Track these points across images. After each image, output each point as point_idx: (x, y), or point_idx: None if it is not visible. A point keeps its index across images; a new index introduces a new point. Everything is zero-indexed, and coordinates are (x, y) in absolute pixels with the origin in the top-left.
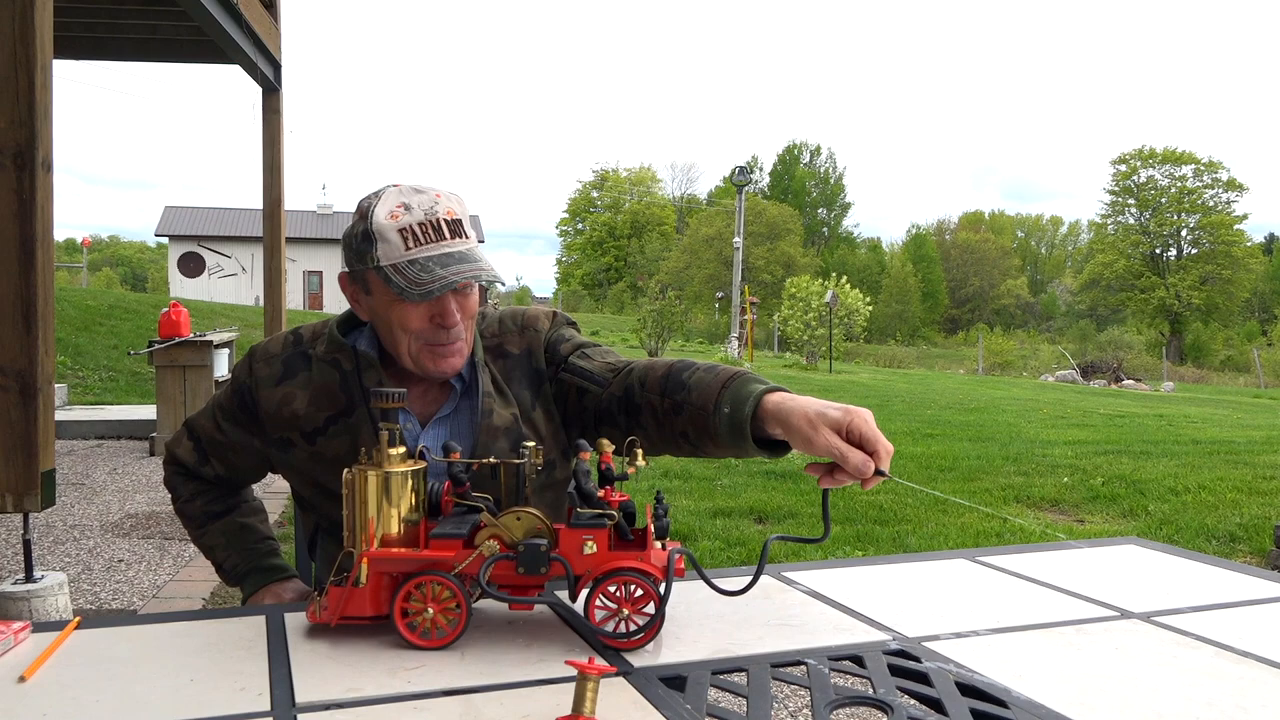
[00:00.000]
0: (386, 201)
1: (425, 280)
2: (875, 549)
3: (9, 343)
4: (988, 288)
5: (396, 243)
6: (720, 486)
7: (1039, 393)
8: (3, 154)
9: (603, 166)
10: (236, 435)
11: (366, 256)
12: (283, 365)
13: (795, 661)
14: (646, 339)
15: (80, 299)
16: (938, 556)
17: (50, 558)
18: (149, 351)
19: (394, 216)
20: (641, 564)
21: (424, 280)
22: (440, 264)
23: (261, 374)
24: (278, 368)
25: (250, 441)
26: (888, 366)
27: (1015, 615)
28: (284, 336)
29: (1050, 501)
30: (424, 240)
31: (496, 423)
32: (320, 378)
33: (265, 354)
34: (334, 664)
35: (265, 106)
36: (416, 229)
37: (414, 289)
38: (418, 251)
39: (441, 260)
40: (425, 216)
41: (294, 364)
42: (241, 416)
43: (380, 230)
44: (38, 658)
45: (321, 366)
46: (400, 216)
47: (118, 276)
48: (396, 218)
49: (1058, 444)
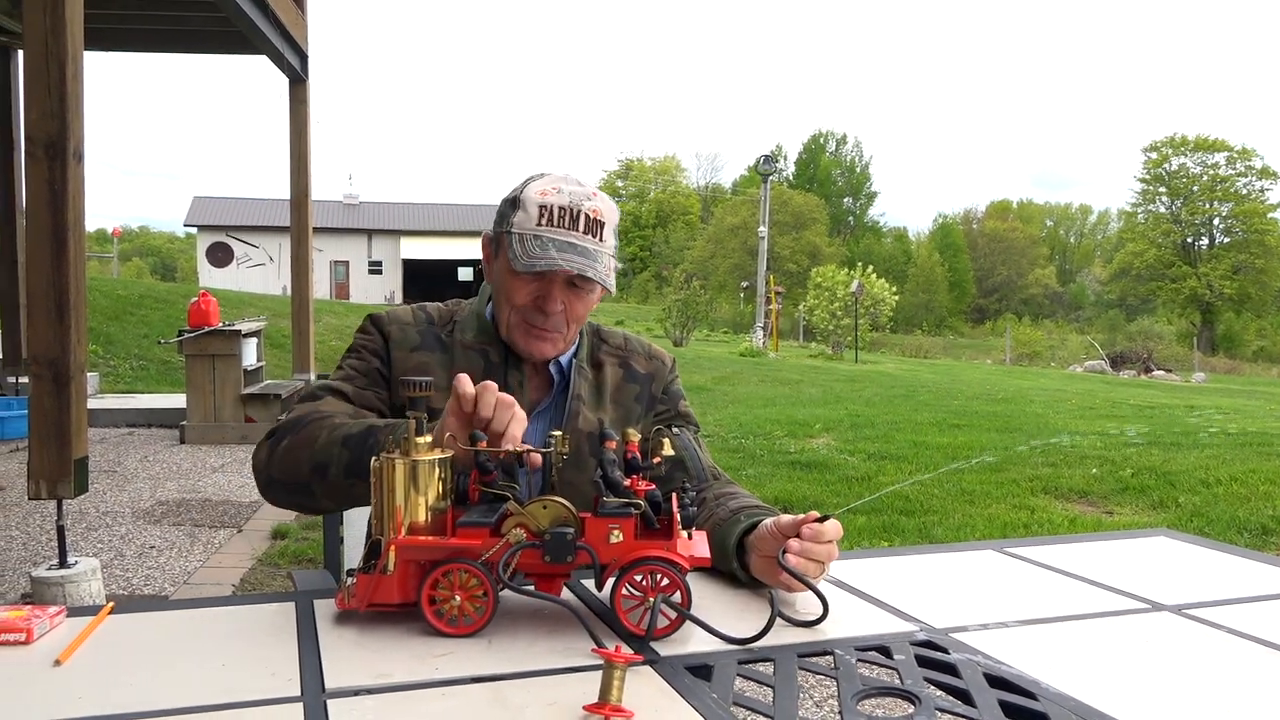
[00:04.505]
0: (546, 180)
1: (537, 255)
2: (901, 540)
3: (42, 332)
4: (1015, 277)
5: (533, 215)
6: (745, 476)
7: (1067, 383)
8: (35, 145)
9: (628, 156)
10: (369, 390)
11: (506, 220)
12: (419, 335)
13: (822, 651)
14: (671, 328)
15: (111, 288)
16: (965, 547)
17: (83, 544)
18: (179, 340)
19: (543, 194)
20: (667, 553)
21: (536, 255)
22: (559, 248)
23: (396, 335)
24: (413, 335)
25: (380, 397)
26: (914, 356)
27: (1044, 607)
28: (409, 309)
29: (1079, 493)
30: (557, 222)
31: (581, 426)
32: (464, 364)
33: (395, 319)
34: (363, 650)
35: (292, 97)
36: (555, 210)
37: (523, 259)
38: (546, 230)
39: (562, 246)
40: (569, 203)
41: (430, 340)
42: (375, 373)
43: (525, 200)
44: (73, 641)
45: (468, 354)
46: (548, 195)
47: (147, 266)
48: (545, 195)
49: (1086, 434)
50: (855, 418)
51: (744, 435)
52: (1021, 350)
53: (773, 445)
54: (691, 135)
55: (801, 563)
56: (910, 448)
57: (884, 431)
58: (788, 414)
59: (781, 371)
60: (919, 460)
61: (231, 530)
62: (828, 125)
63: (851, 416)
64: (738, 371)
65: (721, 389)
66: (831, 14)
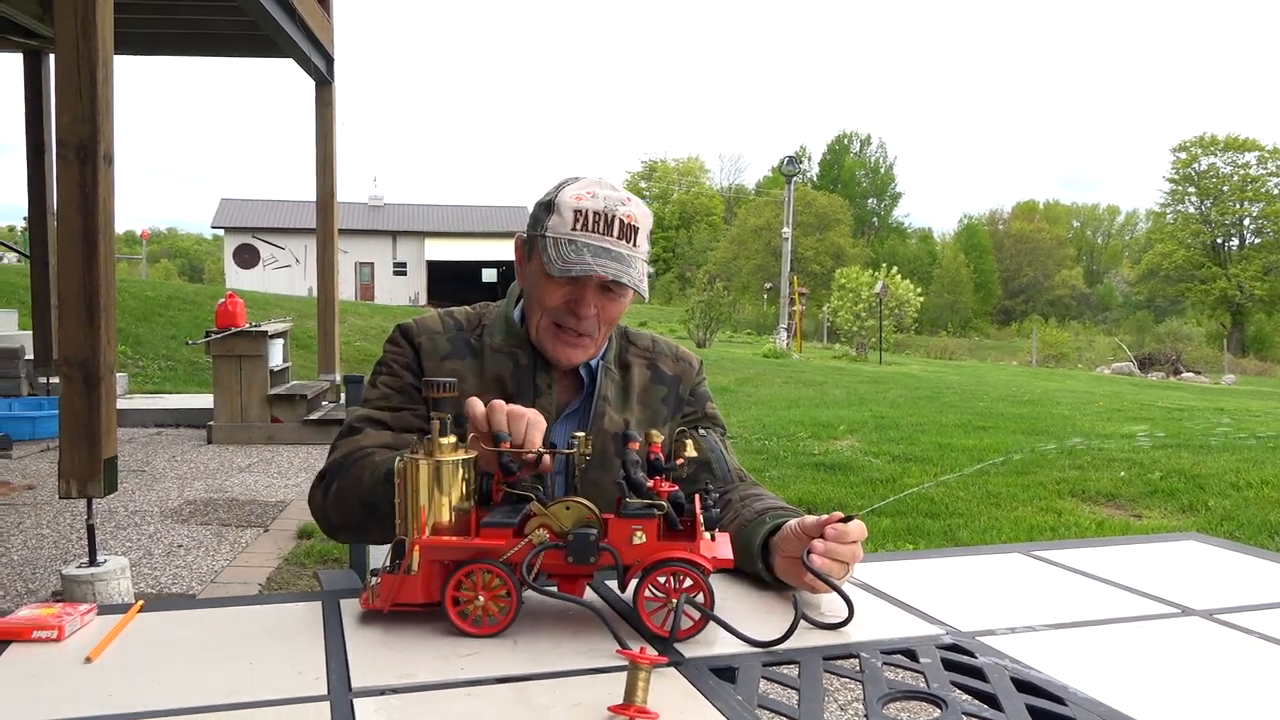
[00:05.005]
0: (580, 184)
1: (572, 260)
2: (926, 542)
3: (73, 333)
4: (1042, 278)
5: (567, 219)
6: (769, 478)
7: (1095, 385)
8: (66, 148)
9: (651, 157)
10: (406, 409)
11: (541, 223)
12: (449, 344)
13: (847, 654)
14: (694, 330)
15: (140, 290)
16: (991, 550)
17: (112, 542)
18: (206, 341)
19: (578, 198)
20: (691, 554)
21: (571, 260)
22: (594, 253)
23: (426, 346)
24: (443, 344)
25: (418, 414)
26: (939, 358)
27: (1072, 611)
28: (438, 316)
29: (1107, 496)
30: (591, 227)
31: (607, 427)
32: (494, 367)
33: (425, 329)
34: (388, 650)
35: (318, 100)
36: (590, 214)
37: (558, 263)
38: (580, 235)
39: (596, 250)
40: (604, 208)
41: (460, 346)
42: (409, 389)
43: (560, 204)
44: (103, 639)
45: (497, 358)
46: (583, 199)
47: (175, 268)
48: (580, 199)
49: (1114, 437)
50: (880, 419)
51: (768, 437)
52: (1048, 352)
53: (796, 447)
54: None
55: (826, 563)
56: (935, 450)
57: (909, 433)
58: (812, 415)
59: (805, 373)
60: (944, 462)
61: (258, 530)
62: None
63: (876, 418)
64: (761, 373)
65: (745, 390)
66: (855, 14)
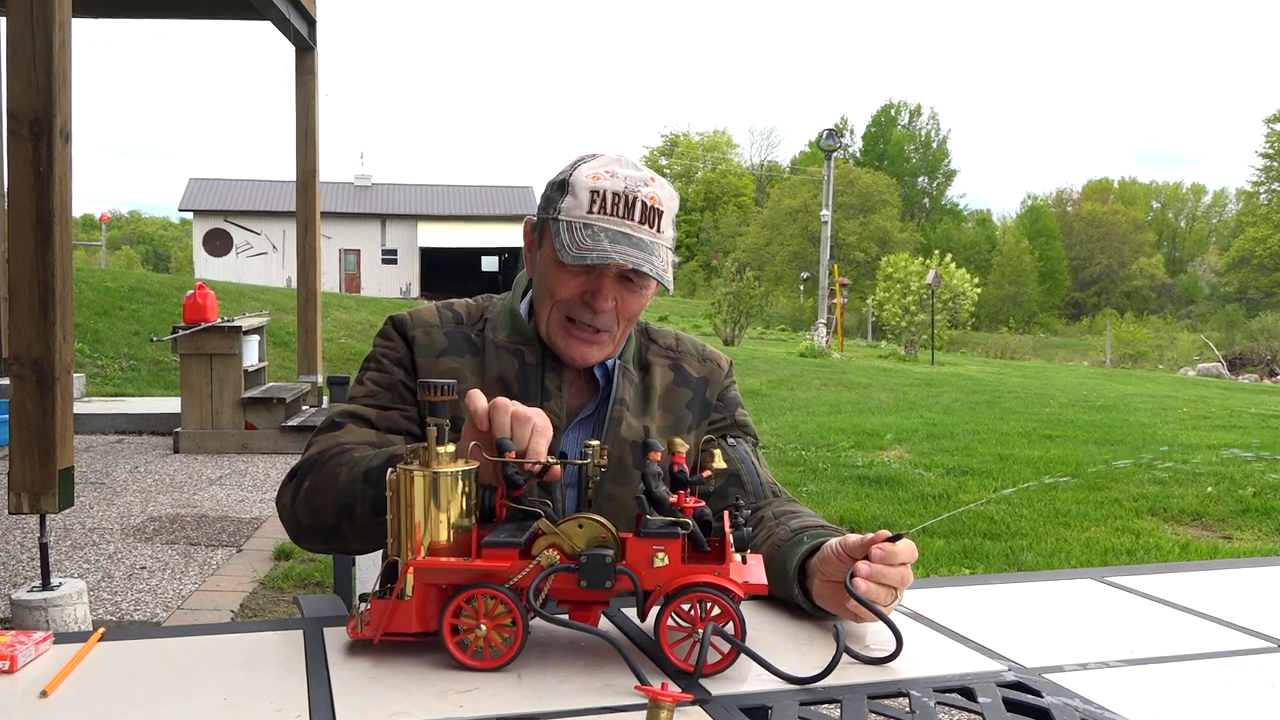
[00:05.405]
0: (597, 162)
1: (587, 246)
2: (985, 566)
3: (24, 329)
4: (1117, 267)
5: (583, 200)
6: (806, 493)
7: (1178, 389)
8: (19, 122)
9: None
10: (394, 409)
11: (553, 205)
12: (446, 338)
13: (896, 693)
14: (721, 325)
15: (99, 280)
16: (1059, 576)
17: (68, 564)
18: (173, 338)
19: (595, 177)
20: (719, 578)
21: (585, 246)
22: (611, 239)
23: (420, 340)
24: (440, 339)
25: (408, 415)
26: (999, 358)
27: (1152, 645)
28: (434, 308)
29: (1192, 515)
30: (609, 210)
31: (624, 434)
32: (497, 366)
33: (420, 321)
34: (378, 684)
35: (299, 67)
36: (609, 196)
37: (571, 250)
38: (598, 219)
39: (614, 236)
40: (625, 189)
41: (459, 342)
42: (399, 386)
43: (575, 184)
44: (60, 671)
45: (501, 355)
46: (601, 179)
47: (138, 256)
48: (597, 179)
49: (1200, 448)
50: (931, 427)
51: (804, 446)
52: (1124, 351)
53: (837, 458)
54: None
55: (871, 589)
56: (995, 461)
57: (964, 443)
58: (854, 422)
59: (847, 374)
60: (1005, 476)
61: (230, 550)
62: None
63: (927, 426)
64: (797, 374)
65: (778, 394)
66: None
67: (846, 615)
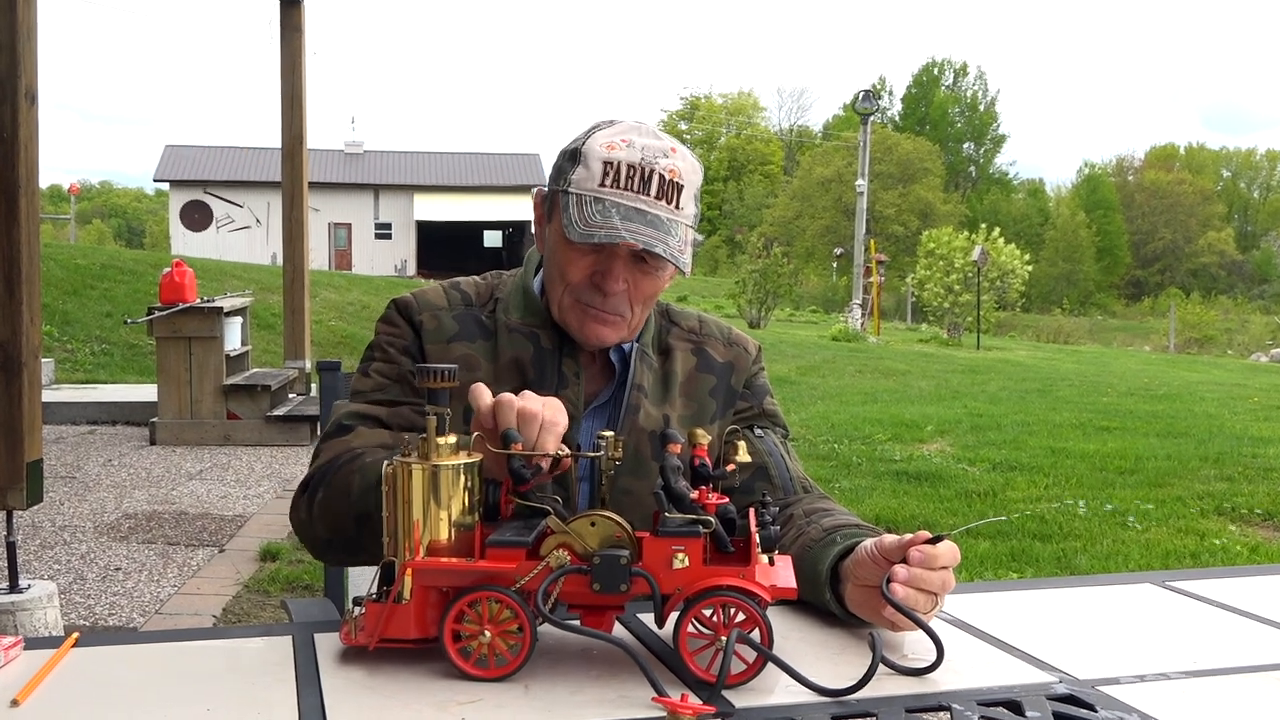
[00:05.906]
0: (614, 130)
1: (595, 223)
2: (1035, 570)
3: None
4: (1182, 242)
5: (595, 172)
6: (839, 489)
7: (1248, 376)
8: None
9: (693, 92)
10: (404, 403)
11: (564, 175)
12: (456, 322)
13: (936, 706)
14: (746, 306)
15: (68, 257)
16: (1116, 580)
17: (37, 564)
18: (148, 320)
19: (610, 147)
20: (743, 582)
21: (594, 223)
22: (623, 215)
23: (429, 325)
24: (449, 323)
25: (419, 409)
26: (1052, 342)
27: (1216, 655)
28: (441, 289)
29: (1262, 515)
30: (623, 183)
31: (642, 423)
32: (511, 350)
33: (427, 305)
34: (372, 695)
35: (284, 23)
36: (623, 168)
37: (579, 227)
38: (610, 192)
39: (627, 212)
40: (640, 160)
41: (470, 325)
42: (407, 378)
43: (588, 153)
44: (31, 679)
45: (514, 338)
46: (616, 149)
47: (110, 230)
48: (612, 148)
49: (1273, 441)
50: (977, 418)
51: (837, 439)
52: (1189, 334)
53: (873, 451)
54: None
55: (910, 594)
56: (1046, 455)
57: (1013, 435)
58: (892, 413)
59: (884, 360)
60: (1057, 471)
61: (212, 550)
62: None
63: (972, 416)
64: (829, 360)
65: (809, 381)
66: None
67: (883, 623)
